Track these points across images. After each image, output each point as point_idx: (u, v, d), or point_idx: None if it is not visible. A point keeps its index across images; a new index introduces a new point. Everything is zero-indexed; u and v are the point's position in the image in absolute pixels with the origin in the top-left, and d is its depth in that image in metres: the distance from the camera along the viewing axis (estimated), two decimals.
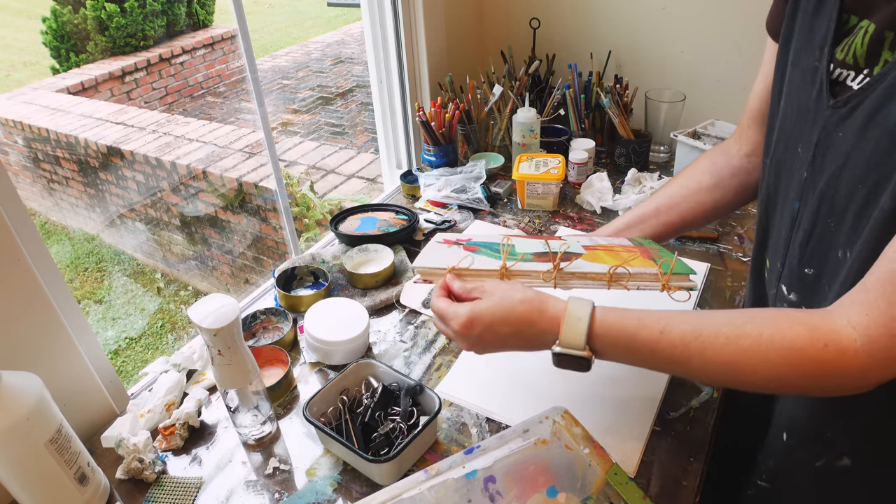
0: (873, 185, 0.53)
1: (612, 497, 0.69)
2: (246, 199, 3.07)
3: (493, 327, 0.65)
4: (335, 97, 5.23)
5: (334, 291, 1.13)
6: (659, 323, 0.59)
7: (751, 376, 0.55)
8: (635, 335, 0.60)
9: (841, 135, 0.56)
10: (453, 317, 0.67)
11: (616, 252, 0.79)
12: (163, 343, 3.03)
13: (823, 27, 0.59)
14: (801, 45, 0.63)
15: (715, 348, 0.56)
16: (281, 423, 0.88)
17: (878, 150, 0.52)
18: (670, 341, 0.58)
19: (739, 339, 0.55)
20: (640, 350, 0.60)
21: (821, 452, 0.67)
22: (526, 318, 0.64)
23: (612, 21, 1.54)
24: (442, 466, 0.72)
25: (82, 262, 3.60)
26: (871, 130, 0.53)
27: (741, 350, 0.55)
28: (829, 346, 0.51)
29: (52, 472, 0.70)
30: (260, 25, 7.60)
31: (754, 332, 0.55)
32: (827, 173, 0.59)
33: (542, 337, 0.64)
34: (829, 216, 0.59)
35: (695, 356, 0.57)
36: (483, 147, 1.59)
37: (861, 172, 0.54)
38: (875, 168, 0.53)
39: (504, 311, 0.65)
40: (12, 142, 3.89)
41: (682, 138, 1.36)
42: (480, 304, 0.66)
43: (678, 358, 0.58)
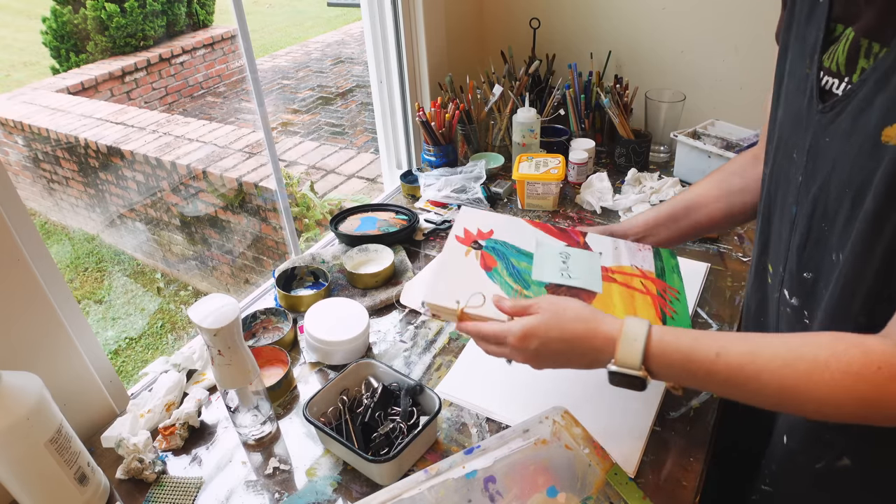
0: (858, 189, 0.54)
1: (612, 497, 0.69)
2: (246, 199, 3.07)
3: (549, 343, 0.65)
4: (335, 97, 5.23)
5: (334, 291, 1.13)
6: (715, 344, 0.59)
7: (807, 401, 0.54)
8: (691, 357, 0.60)
9: (828, 140, 0.58)
10: (509, 333, 0.67)
11: (631, 293, 0.79)
12: (163, 343, 3.03)
13: (813, 36, 0.60)
14: (795, 55, 0.64)
15: (771, 371, 0.55)
16: (281, 423, 0.88)
17: (860, 155, 0.53)
18: (727, 364, 0.57)
19: (796, 363, 0.54)
20: (696, 372, 0.59)
21: (821, 454, 0.67)
22: (582, 336, 0.65)
23: (612, 21, 1.54)
24: (442, 466, 0.72)
25: (82, 262, 3.60)
26: (854, 136, 0.54)
27: (798, 373, 0.54)
28: (882, 368, 0.51)
29: (52, 472, 0.70)
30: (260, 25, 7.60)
31: (810, 356, 0.54)
32: (819, 178, 0.60)
33: (597, 355, 0.64)
34: (823, 220, 0.60)
35: (751, 379, 0.56)
36: (483, 147, 1.59)
37: (847, 177, 0.55)
38: (858, 172, 0.54)
39: (559, 328, 0.65)
40: (12, 142, 3.89)
41: (682, 138, 1.36)
42: (533, 319, 0.66)
43: (734, 381, 0.57)
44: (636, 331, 0.62)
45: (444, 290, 0.75)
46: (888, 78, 0.50)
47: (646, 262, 0.86)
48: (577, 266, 0.82)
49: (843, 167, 0.56)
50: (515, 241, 0.85)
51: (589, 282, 0.79)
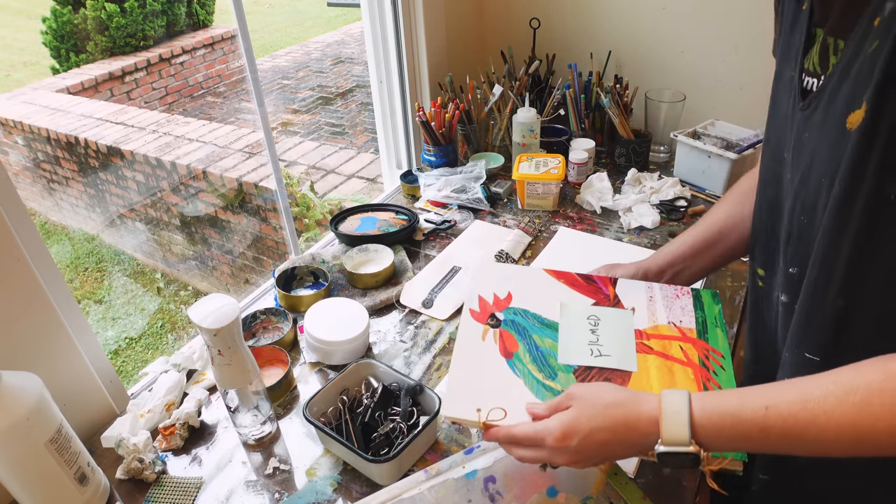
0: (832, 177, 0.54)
1: (612, 497, 0.69)
2: (246, 199, 3.07)
3: (591, 435, 0.60)
4: (335, 97, 5.23)
5: (334, 291, 1.13)
6: (763, 399, 0.55)
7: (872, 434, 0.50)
8: (740, 417, 0.56)
9: (807, 135, 0.59)
10: (546, 434, 0.62)
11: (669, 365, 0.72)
12: (163, 343, 3.03)
13: (797, 41, 0.63)
14: (782, 60, 0.66)
15: (826, 412, 0.52)
16: (281, 423, 0.88)
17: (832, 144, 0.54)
18: (779, 415, 0.54)
19: (849, 395, 0.51)
20: (749, 432, 0.55)
21: None
22: (623, 422, 0.60)
23: (612, 21, 1.54)
24: (442, 466, 0.72)
25: (82, 262, 3.60)
26: (826, 127, 0.55)
27: (854, 406, 0.51)
28: None
29: (52, 472, 0.70)
30: (260, 25, 7.60)
31: (862, 384, 0.51)
32: (800, 172, 0.61)
33: (644, 439, 0.60)
34: (802, 213, 0.60)
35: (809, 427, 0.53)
36: (483, 147, 1.59)
37: (824, 166, 0.56)
38: (831, 161, 0.54)
39: (599, 417, 0.61)
40: (12, 142, 3.89)
41: (682, 138, 1.36)
42: (571, 414, 0.62)
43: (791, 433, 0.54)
44: (677, 404, 0.58)
45: (463, 397, 0.69)
46: (849, 68, 0.52)
47: (685, 316, 0.78)
48: (608, 335, 0.75)
49: (821, 157, 0.56)
50: (537, 307, 0.78)
51: (622, 358, 0.72)
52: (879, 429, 0.49)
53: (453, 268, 1.17)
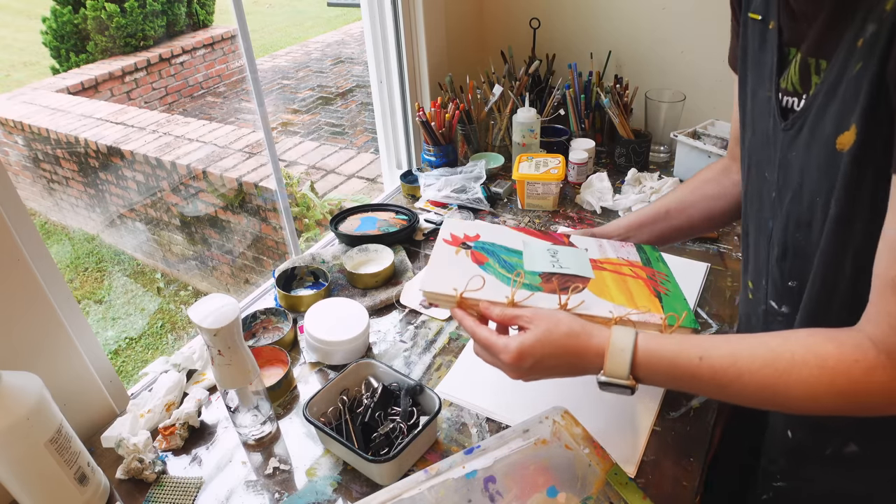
0: (826, 195, 0.57)
1: (612, 497, 0.69)
2: (246, 199, 3.07)
3: (543, 360, 0.66)
4: (335, 97, 5.23)
5: (334, 291, 1.13)
6: (698, 349, 0.61)
7: (787, 398, 0.56)
8: (675, 362, 0.62)
9: (794, 154, 0.61)
10: (503, 350, 0.68)
11: (623, 277, 0.81)
12: (163, 343, 3.03)
13: (769, 60, 0.64)
14: (755, 80, 0.68)
15: (752, 372, 0.57)
16: (281, 423, 0.88)
17: (822, 164, 0.57)
18: (710, 367, 0.60)
19: (775, 362, 0.56)
20: (682, 377, 0.62)
21: (827, 441, 0.68)
22: (574, 351, 0.66)
23: (612, 21, 1.54)
24: (442, 466, 0.72)
25: (82, 262, 3.60)
26: (814, 147, 0.57)
27: (777, 372, 0.56)
28: (858, 361, 0.52)
29: (52, 472, 0.70)
30: (260, 25, 7.60)
31: (787, 354, 0.56)
32: (790, 191, 0.63)
33: (587, 367, 0.66)
34: (797, 231, 0.63)
35: (734, 381, 0.58)
36: (483, 147, 1.59)
37: (816, 185, 0.58)
38: (824, 179, 0.57)
39: (553, 345, 0.66)
40: (12, 142, 3.89)
41: (682, 138, 1.36)
42: (529, 337, 0.67)
43: (718, 383, 0.59)
44: (624, 341, 0.64)
45: (440, 278, 0.76)
46: (835, 89, 0.54)
47: (630, 255, 0.88)
48: (567, 258, 0.83)
49: (811, 177, 0.59)
50: (502, 241, 0.86)
51: (581, 269, 0.81)
52: (793, 395, 0.56)
53: None
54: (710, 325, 0.99)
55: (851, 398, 0.54)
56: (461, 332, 1.02)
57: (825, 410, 0.56)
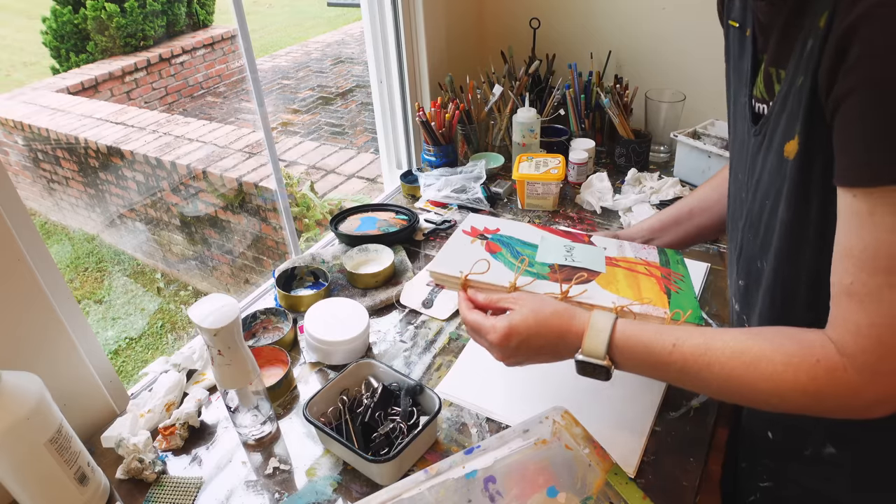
0: (773, 199, 0.59)
1: (612, 497, 0.69)
2: (246, 199, 3.07)
3: (528, 340, 0.68)
4: (335, 97, 5.23)
5: (334, 291, 1.13)
6: (672, 337, 0.62)
7: (753, 392, 0.57)
8: (650, 348, 0.63)
9: (759, 158, 0.63)
10: (490, 329, 0.70)
11: (635, 274, 0.81)
12: (163, 343, 3.03)
13: (746, 67, 0.66)
14: (736, 85, 0.70)
15: (721, 363, 0.58)
16: (281, 423, 0.88)
17: (772, 169, 0.59)
18: (682, 354, 0.61)
19: (742, 354, 0.57)
20: (655, 364, 0.63)
21: (804, 442, 0.68)
22: (557, 331, 0.68)
23: (612, 21, 1.54)
24: (442, 466, 0.72)
25: (82, 262, 3.60)
26: (768, 152, 0.60)
27: (743, 365, 0.57)
28: (820, 361, 0.53)
29: (52, 472, 0.70)
30: (260, 25, 7.60)
31: (756, 348, 0.57)
32: (751, 193, 0.65)
33: (568, 347, 0.68)
34: (749, 230, 0.66)
35: (703, 369, 0.60)
36: (483, 147, 1.59)
37: (766, 188, 0.61)
38: (772, 184, 0.59)
39: (539, 325, 0.68)
40: (12, 142, 3.89)
41: (682, 138, 1.36)
42: (515, 317, 0.69)
43: (688, 370, 0.61)
44: (602, 323, 0.66)
45: (450, 261, 0.80)
46: (785, 99, 0.56)
47: (650, 256, 0.88)
48: (581, 254, 0.84)
49: (764, 181, 0.61)
50: (520, 236, 0.88)
51: (593, 264, 0.81)
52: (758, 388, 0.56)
53: None
54: (711, 324, 0.99)
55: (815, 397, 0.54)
56: (461, 332, 1.02)
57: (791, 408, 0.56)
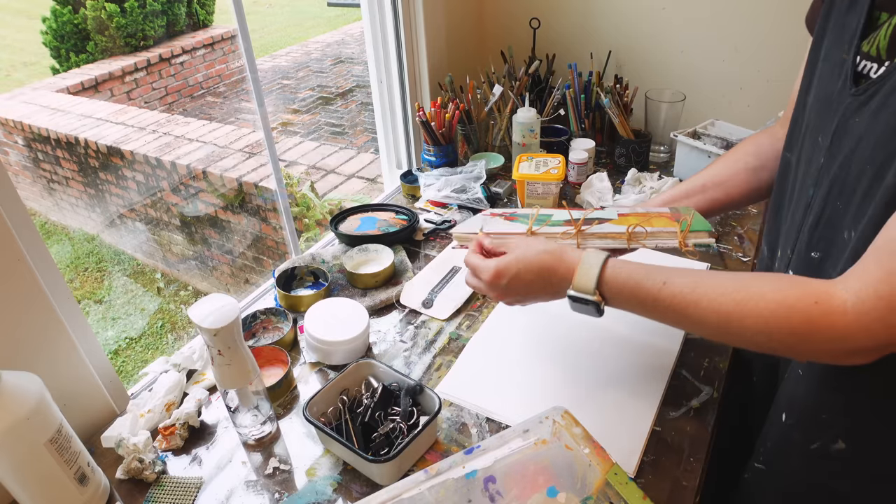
0: (880, 165, 0.55)
1: (612, 497, 0.69)
2: (246, 199, 3.07)
3: (519, 276, 0.71)
4: (335, 97, 5.23)
5: (334, 291, 1.13)
6: (663, 275, 0.64)
7: (742, 328, 0.58)
8: (640, 284, 0.64)
9: (857, 120, 0.59)
10: (483, 269, 0.74)
11: (646, 215, 0.82)
12: (163, 343, 3.03)
13: (854, 23, 0.62)
14: (832, 42, 0.66)
15: (710, 299, 0.59)
16: (281, 423, 0.88)
17: (886, 131, 0.55)
18: (670, 291, 0.62)
19: (735, 293, 0.58)
20: (645, 300, 0.64)
21: (817, 434, 0.68)
22: (547, 267, 0.70)
23: (612, 21, 1.54)
24: (442, 466, 0.72)
25: (82, 262, 3.60)
26: (882, 114, 0.55)
27: (734, 302, 0.58)
28: (819, 303, 0.53)
29: (52, 472, 0.70)
30: (260, 25, 7.60)
31: (752, 288, 0.58)
32: (840, 157, 0.61)
33: (560, 283, 0.70)
34: (839, 198, 0.62)
35: (691, 306, 0.61)
36: (483, 147, 1.59)
37: (870, 153, 0.57)
38: (882, 147, 0.55)
39: (527, 261, 0.71)
40: (12, 142, 3.89)
41: (682, 138, 1.36)
42: (506, 257, 0.73)
43: (676, 308, 0.62)
44: (593, 259, 0.68)
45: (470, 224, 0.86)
46: None
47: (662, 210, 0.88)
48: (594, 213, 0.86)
49: (868, 144, 0.57)
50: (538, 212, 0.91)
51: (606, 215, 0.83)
52: (747, 325, 0.57)
53: (453, 268, 1.17)
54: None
55: (803, 337, 0.54)
56: (461, 333, 1.02)
57: (775, 347, 0.57)
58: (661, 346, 0.94)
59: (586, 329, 0.99)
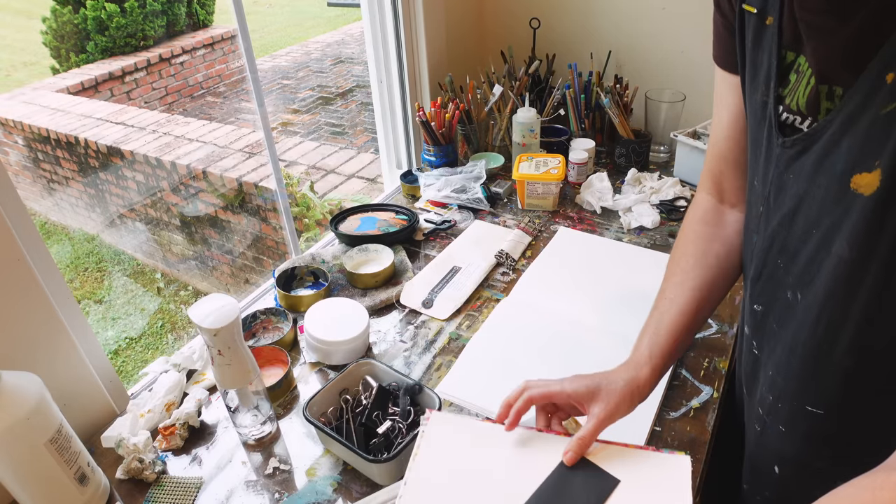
0: (826, 232, 0.53)
1: None
2: (246, 199, 3.07)
3: None
4: (335, 97, 5.23)
5: (334, 291, 1.13)
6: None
7: None
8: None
9: (792, 176, 0.56)
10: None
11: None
12: (163, 343, 3.03)
13: (765, 62, 0.58)
14: (747, 79, 0.62)
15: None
16: (281, 423, 0.88)
17: (827, 199, 0.52)
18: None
19: None
20: None
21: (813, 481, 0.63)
22: None
23: (612, 21, 1.54)
24: None
25: (82, 262, 3.60)
26: (820, 177, 0.53)
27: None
28: None
29: (52, 472, 0.70)
30: (260, 25, 7.60)
31: None
32: (780, 213, 0.58)
33: None
34: (780, 256, 0.59)
35: None
36: (483, 147, 1.59)
37: (815, 217, 0.54)
38: (826, 215, 0.52)
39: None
40: (12, 142, 3.89)
41: (682, 138, 1.36)
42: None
43: None
44: None
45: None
46: (853, 122, 0.49)
47: None
48: None
49: (811, 207, 0.54)
50: None
51: None
52: None
53: (453, 268, 1.17)
54: (710, 325, 0.99)
55: None
56: (461, 333, 1.02)
57: None
58: None
59: (586, 329, 0.99)
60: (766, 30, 0.58)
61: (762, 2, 0.58)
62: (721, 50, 0.71)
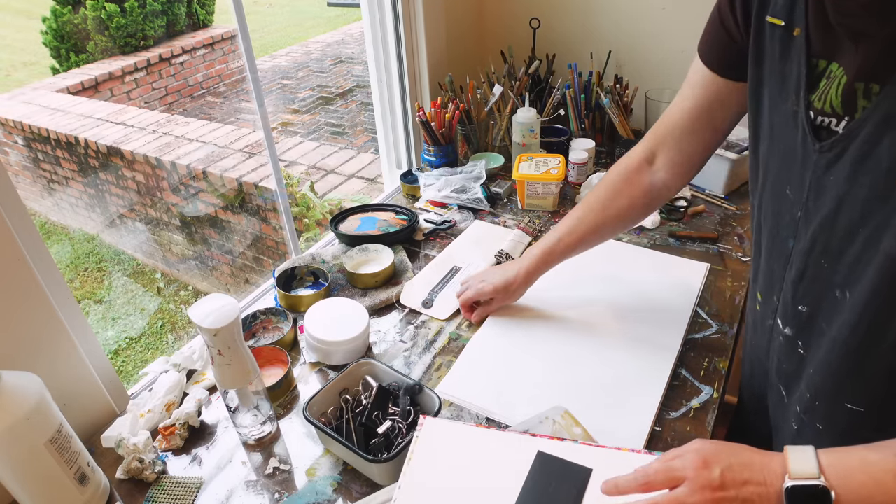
0: (873, 229, 0.53)
1: None
2: (246, 199, 3.07)
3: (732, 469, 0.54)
4: (335, 97, 5.23)
5: (334, 291, 1.13)
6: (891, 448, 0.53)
7: None
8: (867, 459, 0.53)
9: (832, 178, 0.57)
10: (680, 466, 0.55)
11: None
12: (163, 343, 3.03)
13: (794, 72, 0.59)
14: (774, 90, 0.63)
15: None
16: (281, 423, 0.88)
17: (872, 195, 0.53)
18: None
19: None
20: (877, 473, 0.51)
21: None
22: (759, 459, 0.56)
23: (612, 21, 1.54)
24: None
25: (82, 262, 3.60)
26: (864, 176, 0.53)
27: None
28: None
29: (52, 472, 0.70)
30: (260, 25, 7.60)
31: None
32: (820, 215, 0.59)
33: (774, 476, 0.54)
34: (823, 257, 0.60)
35: None
36: (483, 147, 1.59)
37: (858, 216, 0.55)
38: (872, 213, 0.53)
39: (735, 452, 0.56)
40: (12, 142, 3.89)
41: None
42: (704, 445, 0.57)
43: None
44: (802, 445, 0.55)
45: None
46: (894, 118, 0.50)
47: None
48: None
49: (853, 207, 0.55)
50: None
51: None
52: None
53: (453, 268, 1.17)
54: (710, 325, 0.99)
55: None
56: (461, 333, 1.02)
57: None
58: (661, 346, 0.94)
59: (586, 329, 0.99)
60: (793, 41, 0.59)
61: (788, 14, 0.59)
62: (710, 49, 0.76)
